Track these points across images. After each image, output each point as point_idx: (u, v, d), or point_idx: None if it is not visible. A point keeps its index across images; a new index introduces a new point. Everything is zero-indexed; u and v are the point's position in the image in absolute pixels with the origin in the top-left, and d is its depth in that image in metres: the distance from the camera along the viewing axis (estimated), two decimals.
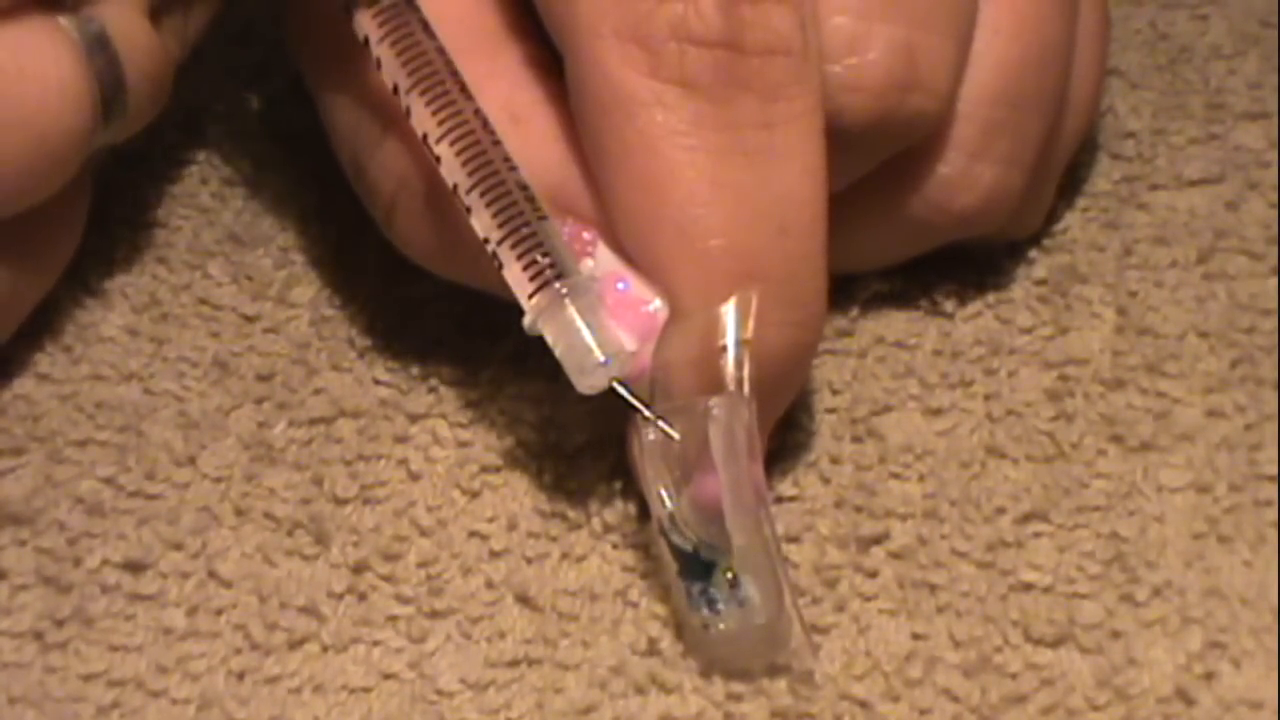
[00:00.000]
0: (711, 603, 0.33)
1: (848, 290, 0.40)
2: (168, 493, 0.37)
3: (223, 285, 0.41)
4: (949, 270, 0.40)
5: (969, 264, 0.40)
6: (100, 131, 0.35)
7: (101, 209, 0.40)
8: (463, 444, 0.38)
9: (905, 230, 0.38)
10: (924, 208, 0.38)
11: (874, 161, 0.37)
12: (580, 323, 0.33)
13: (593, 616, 0.35)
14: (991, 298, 0.40)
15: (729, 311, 0.33)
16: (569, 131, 0.35)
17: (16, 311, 0.38)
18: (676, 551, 0.33)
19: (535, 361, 0.39)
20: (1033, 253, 0.41)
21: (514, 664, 0.34)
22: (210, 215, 0.43)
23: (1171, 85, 0.45)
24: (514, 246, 0.34)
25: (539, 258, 0.34)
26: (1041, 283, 0.40)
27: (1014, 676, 0.34)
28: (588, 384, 0.34)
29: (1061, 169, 0.41)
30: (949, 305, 0.40)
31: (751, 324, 0.33)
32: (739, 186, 0.34)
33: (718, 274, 0.34)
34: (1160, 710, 0.33)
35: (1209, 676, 0.33)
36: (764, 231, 0.34)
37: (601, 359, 0.33)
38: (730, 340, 0.33)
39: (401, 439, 0.38)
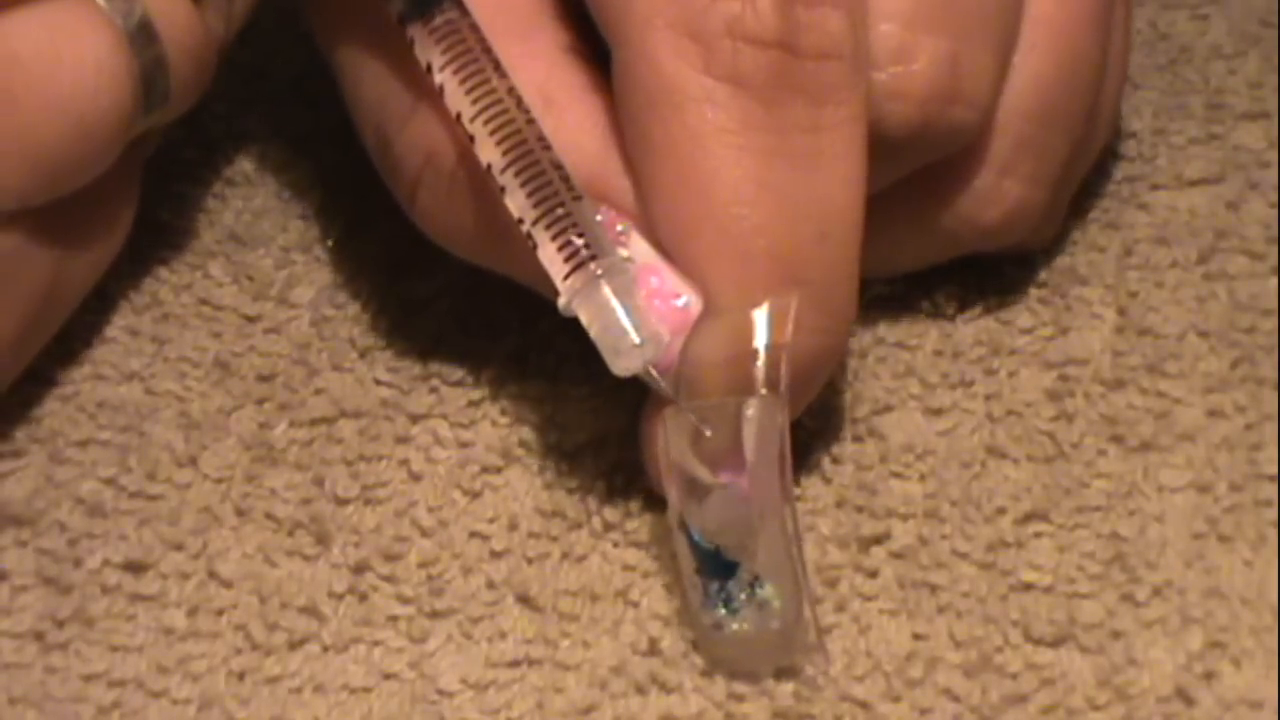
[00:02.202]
0: (729, 602, 0.33)
1: None
2: (169, 493, 0.37)
3: (223, 285, 0.41)
4: (950, 272, 0.40)
5: (970, 265, 0.40)
6: (141, 114, 0.35)
7: None
8: (464, 444, 0.38)
9: (928, 239, 0.38)
10: (950, 219, 0.38)
11: (907, 169, 0.37)
12: (616, 303, 0.33)
13: (593, 616, 0.35)
14: (992, 299, 0.40)
15: (763, 315, 0.33)
16: (605, 120, 0.35)
17: (66, 299, 0.37)
18: (696, 548, 0.33)
19: (536, 361, 0.39)
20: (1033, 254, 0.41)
21: (514, 664, 0.34)
22: (210, 215, 0.43)
23: (1171, 85, 0.45)
24: (549, 227, 0.33)
25: (574, 238, 0.33)
26: (1042, 284, 0.40)
27: (1014, 676, 0.34)
28: (622, 365, 0.33)
29: (1078, 182, 0.40)
30: (950, 306, 0.40)
31: (790, 328, 0.33)
32: (783, 189, 0.33)
33: (757, 275, 0.33)
34: (1160, 710, 0.33)
35: (1209, 676, 0.33)
36: (805, 235, 0.33)
37: (637, 341, 0.33)
38: (762, 343, 0.33)
39: (402, 439, 0.38)
